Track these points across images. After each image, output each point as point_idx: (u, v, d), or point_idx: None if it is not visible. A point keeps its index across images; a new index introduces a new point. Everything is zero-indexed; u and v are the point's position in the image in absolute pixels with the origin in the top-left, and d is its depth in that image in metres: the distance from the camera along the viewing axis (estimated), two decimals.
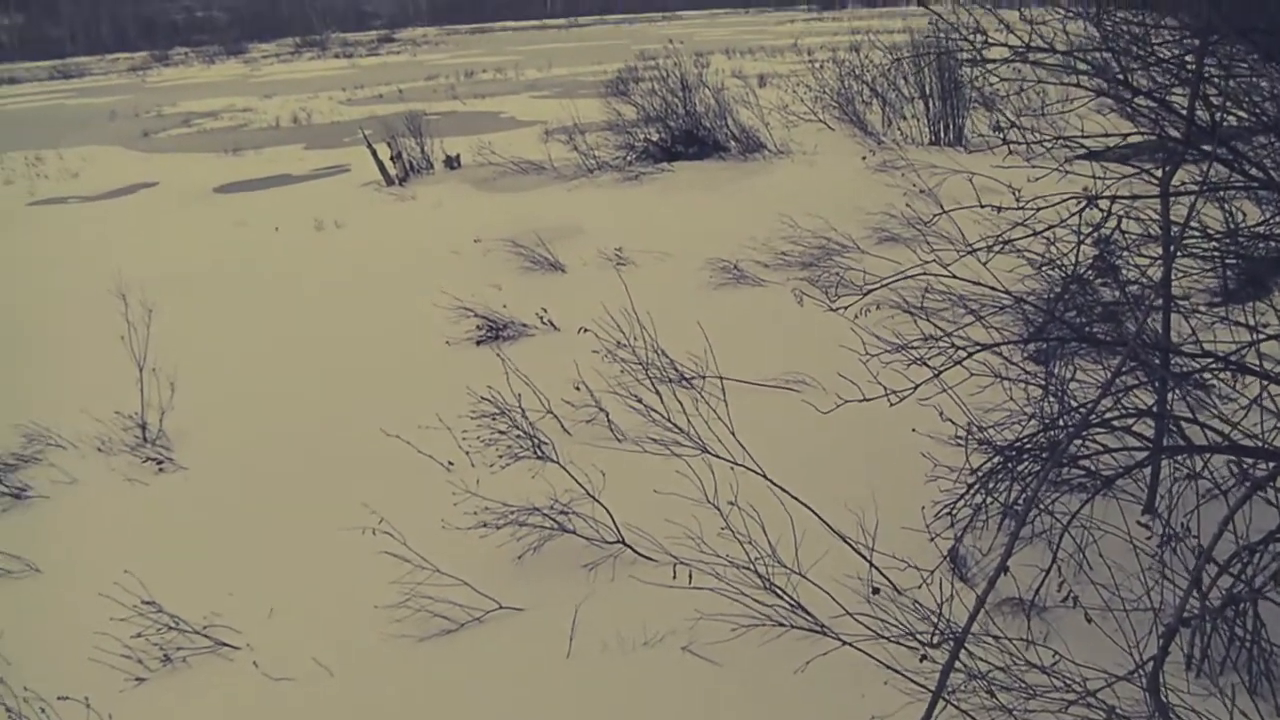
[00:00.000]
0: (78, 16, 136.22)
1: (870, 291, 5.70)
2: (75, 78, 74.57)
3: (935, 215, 6.45)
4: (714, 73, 28.41)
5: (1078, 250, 5.70)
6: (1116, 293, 6.41)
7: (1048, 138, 5.63)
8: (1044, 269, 6.73)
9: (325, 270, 13.49)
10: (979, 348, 5.37)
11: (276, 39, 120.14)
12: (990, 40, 5.65)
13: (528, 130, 24.97)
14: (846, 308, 5.99)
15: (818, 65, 24.71)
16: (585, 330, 7.56)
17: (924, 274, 5.67)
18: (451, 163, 20.13)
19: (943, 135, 18.32)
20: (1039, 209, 5.38)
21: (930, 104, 18.48)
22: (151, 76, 66.78)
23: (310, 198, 18.76)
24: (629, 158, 18.68)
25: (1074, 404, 5.73)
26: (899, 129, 19.10)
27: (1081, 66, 5.46)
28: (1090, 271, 6.49)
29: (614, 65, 32.01)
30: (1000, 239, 5.51)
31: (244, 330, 11.32)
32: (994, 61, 5.60)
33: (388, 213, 17.06)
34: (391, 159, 19.51)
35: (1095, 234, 5.62)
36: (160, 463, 8.14)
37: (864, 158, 16.15)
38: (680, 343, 7.80)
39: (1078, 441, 5.37)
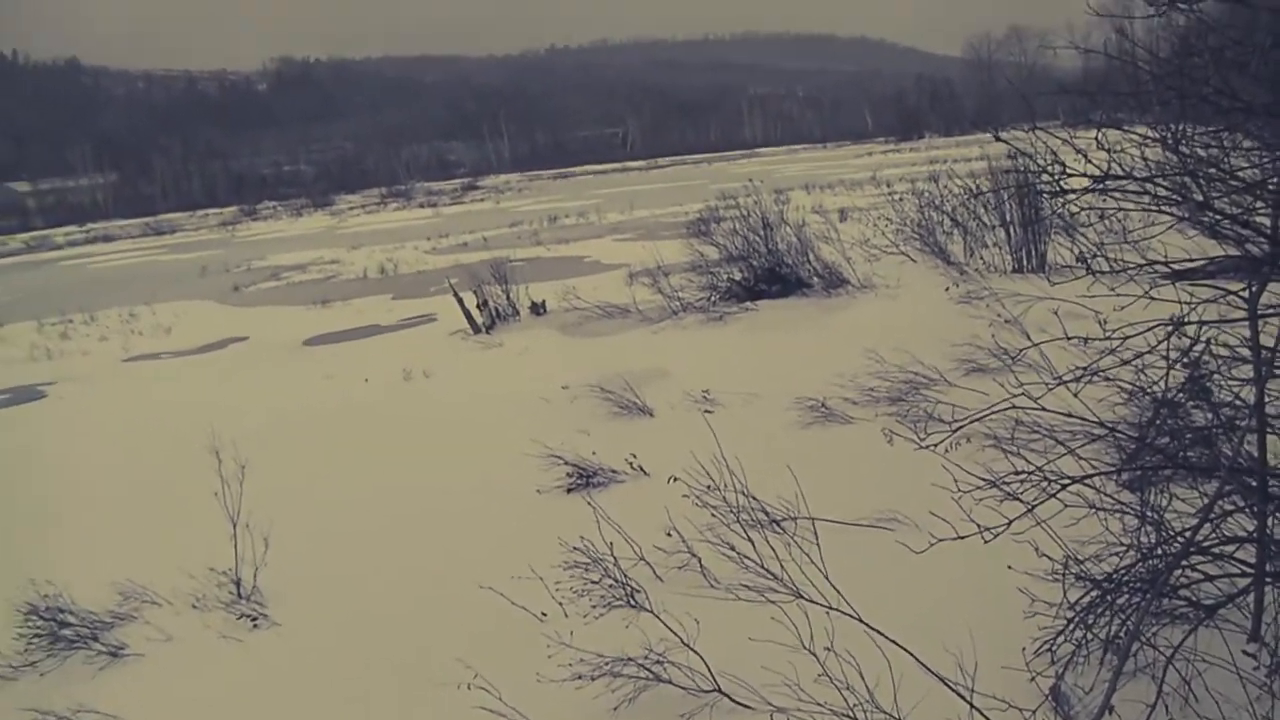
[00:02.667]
0: (169, 173, 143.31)
1: (959, 427, 5.90)
2: (167, 234, 78.30)
3: (1022, 349, 6.54)
4: (794, 209, 29.01)
5: (1167, 375, 5.75)
6: (1209, 416, 6.39)
7: (1132, 265, 5.74)
8: (1134, 396, 6.82)
9: (415, 420, 13.94)
10: (1072, 480, 5.43)
11: (362, 190, 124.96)
12: (1068, 170, 5.83)
13: (612, 274, 25.63)
14: (936, 445, 6.11)
15: (897, 197, 25.18)
16: (675, 479, 7.74)
17: (1013, 406, 5.78)
18: (537, 309, 20.71)
19: (1025, 263, 18.53)
20: (1126, 337, 5.53)
21: (1011, 232, 18.74)
22: (241, 231, 69.83)
23: (398, 348, 19.44)
24: (713, 298, 19.11)
25: (1172, 532, 5.71)
26: (981, 258, 19.35)
27: (1161, 191, 5.60)
28: (1181, 396, 6.45)
29: (694, 205, 32.87)
30: (1089, 369, 5.67)
31: (336, 483, 11.70)
32: (1073, 191, 5.77)
33: (475, 361, 17.59)
34: (478, 307, 20.17)
35: (1185, 358, 5.66)
36: (254, 619, 8.40)
37: (947, 289, 16.38)
38: (770, 485, 7.95)
39: (1178, 571, 5.38)
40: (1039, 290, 8.31)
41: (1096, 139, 5.73)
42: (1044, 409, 5.88)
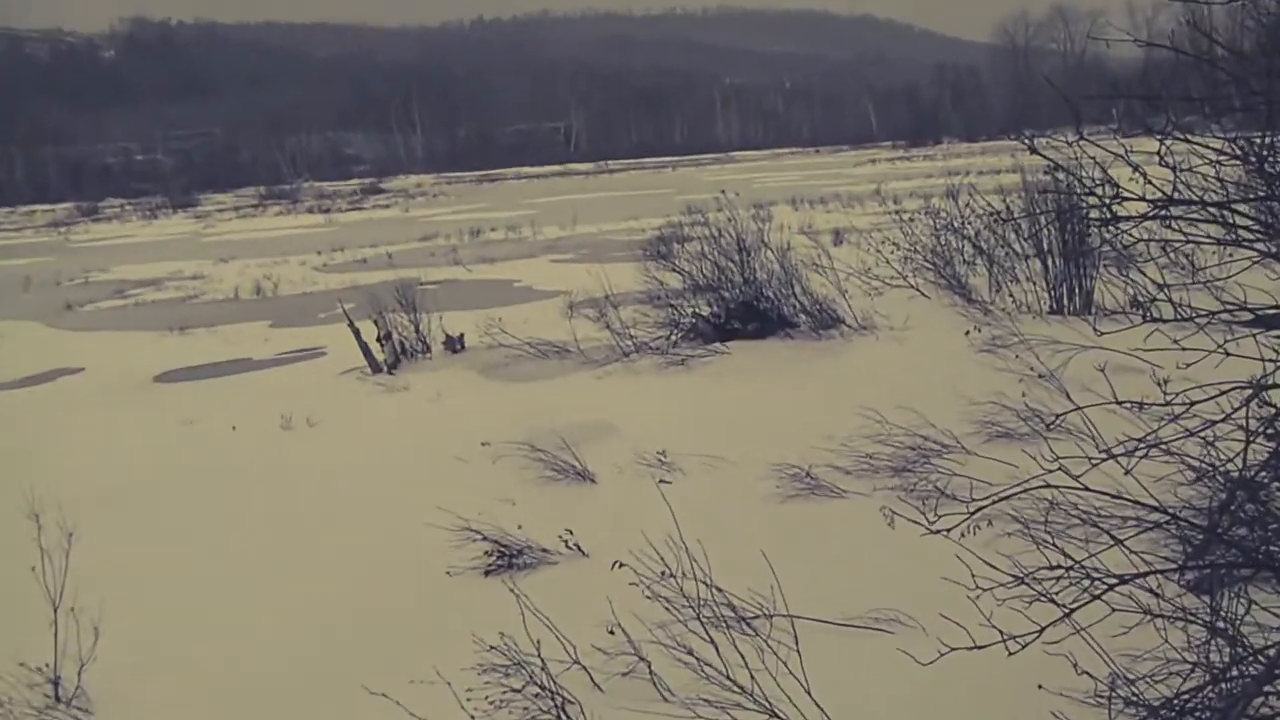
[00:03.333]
0: None
1: (980, 508, 5.82)
2: None
3: (1059, 416, 6.58)
4: (778, 228, 29.13)
5: (1246, 450, 5.77)
6: None
7: (1202, 310, 5.77)
8: (1203, 475, 6.83)
9: (294, 480, 13.82)
10: (1121, 579, 5.43)
11: (235, 189, 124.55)
12: (1123, 191, 5.91)
13: (547, 303, 25.71)
14: (949, 530, 6.03)
15: (906, 217, 25.36)
16: (621, 564, 7.70)
17: (1047, 485, 5.78)
18: (454, 344, 20.68)
19: (1066, 303, 18.70)
20: (1194, 402, 5.55)
21: (1050, 264, 18.91)
22: (77, 234, 69.31)
23: (277, 388, 19.33)
24: (673, 337, 19.13)
25: (1250, 649, 5.66)
26: (1011, 295, 19.55)
27: (1241, 219, 5.71)
28: (1264, 475, 6.46)
29: (653, 221, 33.04)
30: (1145, 440, 5.68)
31: (189, 559, 11.51)
32: (1129, 218, 5.85)
33: (373, 407, 17.52)
34: (379, 340, 20.09)
35: (1269, 428, 5.71)
36: None
37: (967, 332, 16.48)
38: (740, 573, 7.93)
39: (1258, 699, 5.31)
40: (1083, 338, 8.38)
41: (1159, 153, 5.71)
42: (1086, 488, 5.88)
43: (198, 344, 25.02)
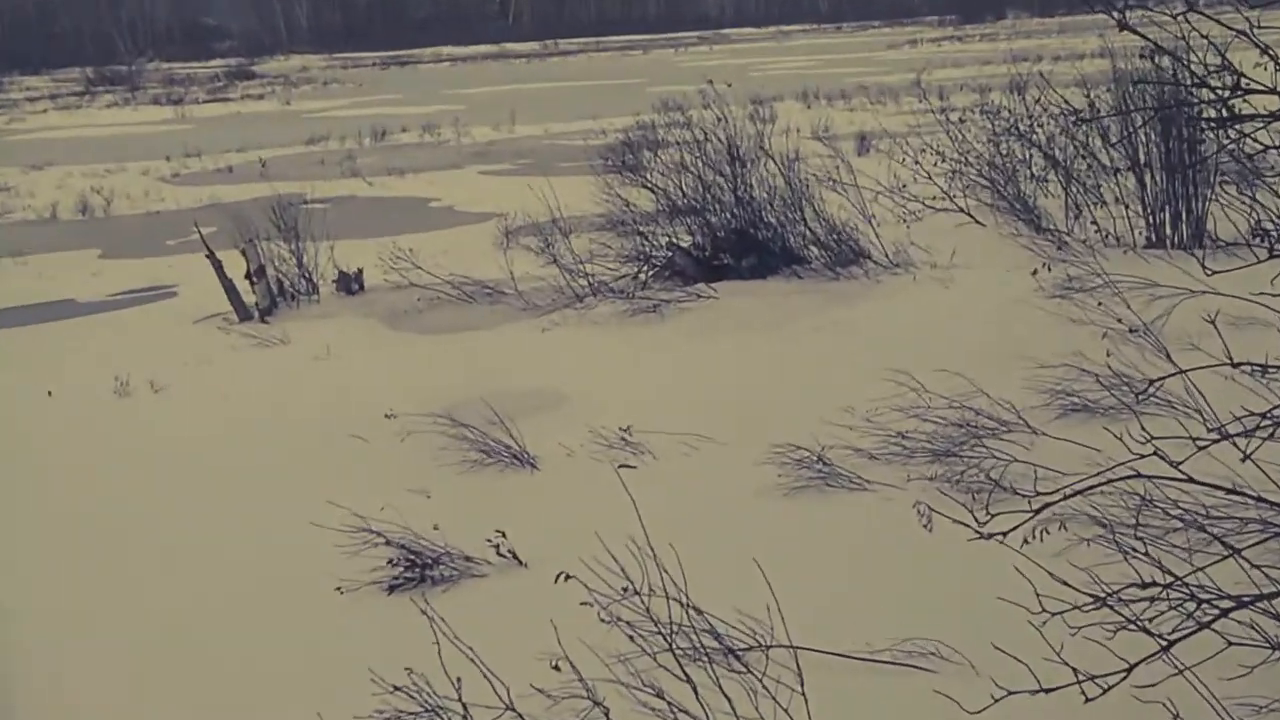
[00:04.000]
0: None
1: (1047, 505, 5.88)
2: None
3: (1155, 382, 6.55)
4: (783, 132, 28.99)
5: None
6: None
7: None
8: None
9: (132, 466, 13.71)
10: (1239, 602, 5.48)
11: (52, 70, 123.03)
12: (1247, 82, 5.94)
13: (475, 229, 25.81)
14: (1006, 533, 6.03)
15: (956, 117, 25.11)
16: (568, 577, 7.64)
17: (1137, 475, 5.91)
18: (349, 283, 20.67)
19: (1170, 234, 18.77)
20: None
21: (1149, 181, 18.89)
22: None
23: (110, 340, 19.25)
24: (643, 276, 19.19)
25: None
26: (1094, 222, 19.50)
27: None
28: None
29: (617, 120, 32.75)
30: (1271, 416, 5.77)
31: None
32: (1256, 118, 5.95)
33: (240, 366, 17.46)
34: (248, 277, 19.96)
35: None
36: None
37: (1035, 271, 16.41)
38: (727, 591, 7.92)
39: None
40: (1191, 280, 8.35)
41: None
42: (1191, 479, 5.92)
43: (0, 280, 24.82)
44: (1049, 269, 16.64)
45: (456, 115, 54.73)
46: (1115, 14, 6.47)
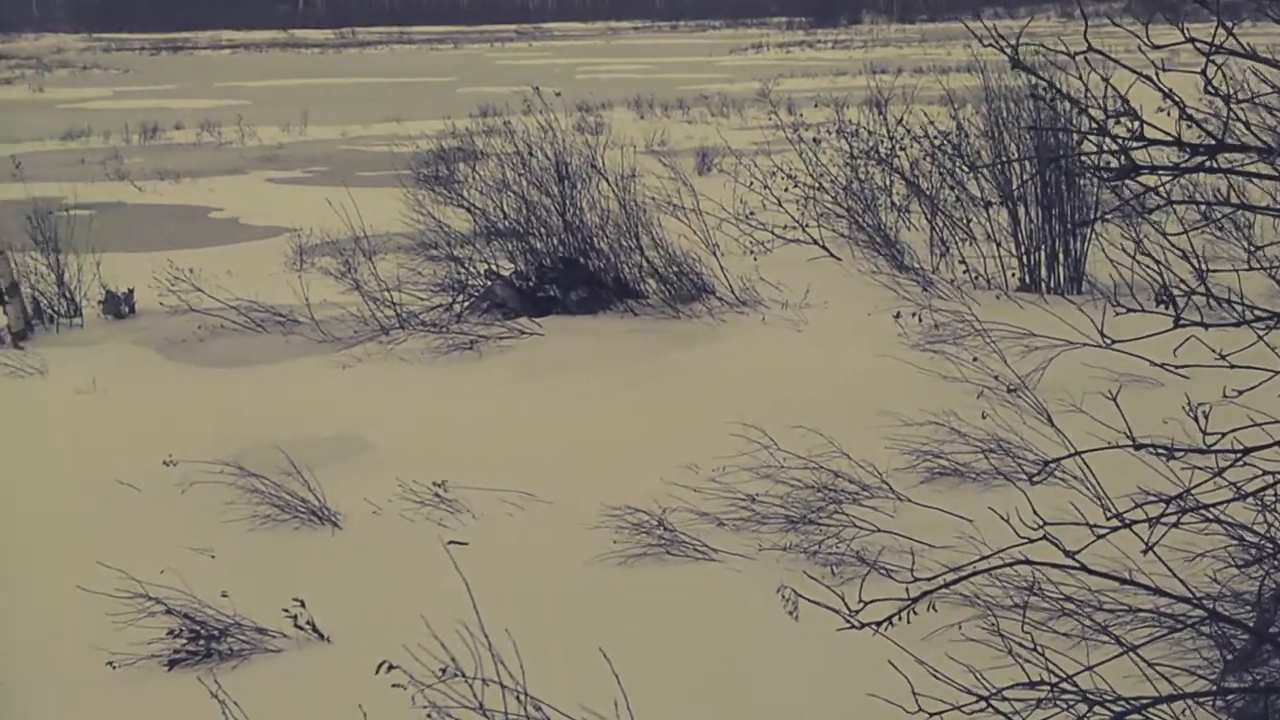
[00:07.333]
0: None
1: (927, 594, 5.74)
2: None
3: (1052, 462, 6.36)
4: (615, 144, 28.73)
5: None
6: None
7: (1262, 309, 5.76)
8: (1256, 552, 6.90)
9: None
10: (1137, 704, 5.35)
11: None
12: (1139, 132, 5.63)
13: (263, 246, 25.72)
14: (880, 624, 5.72)
15: (810, 135, 24.71)
16: (392, 667, 7.10)
17: (1026, 560, 5.73)
18: (119, 305, 20.07)
19: (1044, 275, 18.56)
20: (1247, 450, 5.54)
21: (1023, 214, 18.66)
22: None
23: None
24: (458, 308, 18.71)
25: None
26: (962, 260, 19.18)
27: None
28: None
29: (426, 125, 32.77)
30: (1172, 498, 5.70)
31: None
32: (1156, 169, 5.75)
33: None
34: None
35: None
36: None
37: (898, 315, 16.07)
38: (564, 676, 7.39)
39: None
40: (1072, 331, 8.15)
41: (1204, 72, 5.44)
42: (1083, 567, 5.64)
43: None
44: (914, 315, 16.23)
45: (240, 112, 55.08)
46: (1007, 50, 6.16)
